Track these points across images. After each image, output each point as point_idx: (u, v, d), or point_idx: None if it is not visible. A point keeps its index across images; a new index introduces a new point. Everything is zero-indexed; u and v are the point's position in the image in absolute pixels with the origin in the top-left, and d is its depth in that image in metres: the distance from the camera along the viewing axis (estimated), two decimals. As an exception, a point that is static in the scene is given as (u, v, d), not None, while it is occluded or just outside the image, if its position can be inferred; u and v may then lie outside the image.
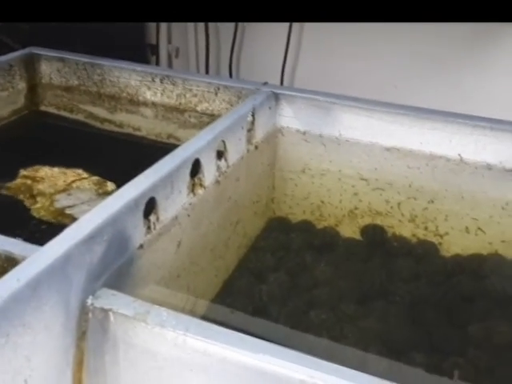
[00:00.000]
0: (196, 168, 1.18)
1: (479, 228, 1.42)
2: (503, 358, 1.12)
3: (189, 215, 1.15)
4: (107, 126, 1.71)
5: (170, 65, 2.49)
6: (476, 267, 1.34)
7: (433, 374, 1.07)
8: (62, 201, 1.24)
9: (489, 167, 1.41)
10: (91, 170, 1.39)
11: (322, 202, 1.52)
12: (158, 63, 2.43)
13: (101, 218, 0.90)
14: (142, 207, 1.00)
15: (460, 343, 1.17)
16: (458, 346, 1.16)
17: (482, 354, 1.13)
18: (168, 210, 1.08)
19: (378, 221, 1.48)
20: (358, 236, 1.48)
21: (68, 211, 1.20)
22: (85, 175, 1.34)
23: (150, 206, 1.03)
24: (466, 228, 1.43)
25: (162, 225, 1.07)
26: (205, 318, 1.12)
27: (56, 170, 1.36)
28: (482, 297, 1.26)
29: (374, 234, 1.45)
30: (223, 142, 1.28)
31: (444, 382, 0.95)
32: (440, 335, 1.19)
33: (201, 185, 1.19)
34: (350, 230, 1.49)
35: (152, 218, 1.04)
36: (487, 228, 1.42)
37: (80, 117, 1.75)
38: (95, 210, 0.92)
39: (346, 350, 1.07)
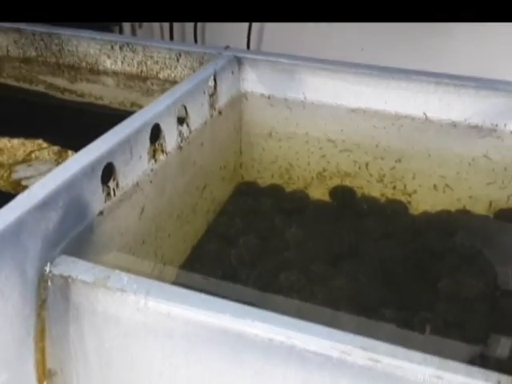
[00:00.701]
0: (156, 133, 1.15)
1: (447, 185, 1.42)
2: (472, 311, 1.12)
3: (151, 181, 1.13)
4: (68, 96, 1.66)
5: (133, 34, 2.44)
6: (444, 224, 1.34)
7: (404, 329, 1.07)
8: (20, 172, 1.21)
9: (454, 124, 1.41)
10: (52, 140, 1.35)
11: (291, 165, 1.50)
12: (121, 33, 2.37)
13: (55, 183, 0.88)
14: (99, 173, 0.97)
15: (430, 298, 1.17)
16: (428, 301, 1.16)
17: (452, 307, 1.13)
18: (128, 176, 1.05)
19: (347, 182, 1.47)
20: (327, 198, 1.47)
21: (25, 182, 1.17)
22: (45, 145, 1.31)
23: (109, 172, 1.00)
24: (434, 185, 1.42)
25: (122, 191, 1.05)
26: (174, 284, 1.11)
27: (15, 141, 1.32)
28: (451, 253, 1.26)
29: (343, 196, 1.45)
30: (184, 106, 1.25)
31: (414, 336, 0.95)
32: (410, 292, 1.19)
33: (162, 150, 1.16)
34: (319, 192, 1.47)
35: (111, 184, 1.01)
36: (455, 185, 1.41)
37: (40, 88, 1.70)
38: (49, 176, 0.89)
39: (316, 309, 1.06)
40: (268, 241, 1.29)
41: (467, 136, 1.40)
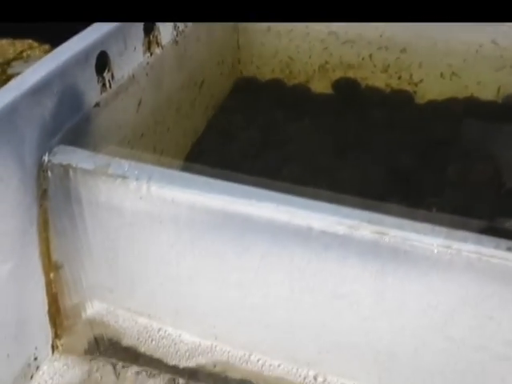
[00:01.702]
0: (151, 25, 1.10)
1: (454, 73, 1.37)
2: (480, 196, 1.11)
3: (147, 74, 1.09)
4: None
5: None
6: (452, 111, 1.31)
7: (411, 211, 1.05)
8: (16, 67, 1.18)
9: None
10: (42, 40, 1.30)
11: (291, 58, 1.45)
12: None
13: (47, 69, 0.84)
14: (92, 61, 0.94)
15: (437, 186, 1.15)
16: (436, 188, 1.15)
17: (459, 193, 1.12)
18: (123, 67, 1.02)
19: (351, 74, 1.42)
20: (330, 91, 1.42)
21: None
22: (35, 44, 1.26)
23: (103, 62, 0.97)
24: (441, 74, 1.38)
25: (118, 83, 1.01)
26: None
27: (4, 41, 1.27)
28: (459, 140, 1.24)
29: (347, 87, 1.40)
30: None
31: (422, 215, 0.93)
32: (417, 180, 1.17)
33: (157, 43, 1.12)
34: (321, 86, 1.43)
35: (106, 75, 0.98)
36: (462, 72, 1.37)
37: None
38: (41, 62, 0.86)
39: (321, 195, 1.04)
40: (270, 135, 1.26)
41: (474, 23, 1.34)
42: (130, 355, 1.06)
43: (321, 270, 0.85)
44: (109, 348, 1.06)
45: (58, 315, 1.00)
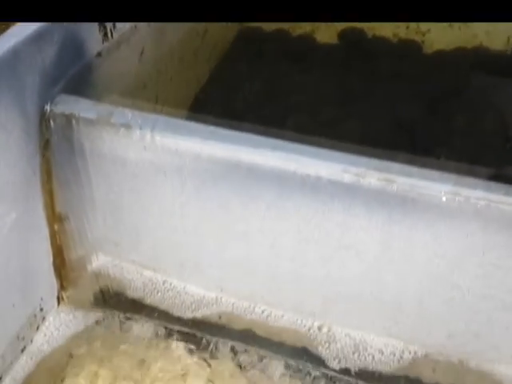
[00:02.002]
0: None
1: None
2: (488, 145, 1.09)
3: (149, 24, 1.06)
4: None
5: None
6: (460, 61, 1.28)
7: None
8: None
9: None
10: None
11: (296, 8, 1.42)
12: None
13: (47, 16, 0.82)
14: (93, 8, 0.91)
15: (445, 136, 1.13)
16: (443, 138, 1.13)
17: (467, 142, 1.10)
18: (125, 15, 0.99)
19: (357, 23, 1.39)
20: (336, 41, 1.39)
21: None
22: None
23: (104, 9, 0.94)
24: (450, 23, 1.35)
25: (120, 33, 0.99)
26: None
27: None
28: (467, 90, 1.21)
29: (353, 37, 1.37)
30: None
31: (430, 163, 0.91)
32: (424, 130, 1.15)
33: (160, -9, 1.09)
34: (327, 36, 1.40)
35: (108, 24, 0.96)
36: (471, 21, 1.34)
37: None
38: (40, 9, 0.83)
39: (327, 145, 1.03)
40: (274, 86, 1.23)
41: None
42: (136, 307, 1.06)
43: (327, 219, 0.85)
44: (114, 300, 1.07)
45: (63, 267, 1.00)
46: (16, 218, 0.83)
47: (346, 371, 0.98)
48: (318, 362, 0.99)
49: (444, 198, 0.73)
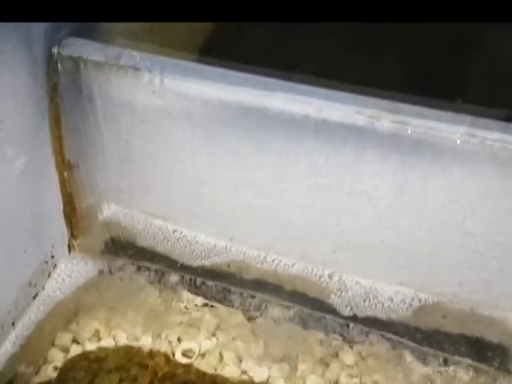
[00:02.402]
0: None
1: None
2: (505, 87, 1.05)
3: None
4: None
5: None
6: None
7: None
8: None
9: None
10: None
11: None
12: None
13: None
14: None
15: (461, 78, 1.10)
16: (460, 80, 1.10)
17: (485, 84, 1.07)
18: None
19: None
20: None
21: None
22: None
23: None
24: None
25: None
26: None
27: None
28: (485, 32, 1.17)
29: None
30: None
31: (444, 105, 0.88)
32: (440, 72, 1.12)
33: None
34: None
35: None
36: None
37: None
38: None
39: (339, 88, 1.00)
40: (285, 29, 1.20)
41: None
42: (146, 256, 1.07)
43: (339, 165, 0.83)
44: (125, 249, 1.07)
45: (73, 215, 1.00)
46: (25, 162, 0.83)
47: (356, 319, 0.99)
48: (329, 309, 0.99)
49: (459, 141, 0.71)
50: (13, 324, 0.92)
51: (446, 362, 0.94)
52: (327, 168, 0.85)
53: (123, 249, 1.06)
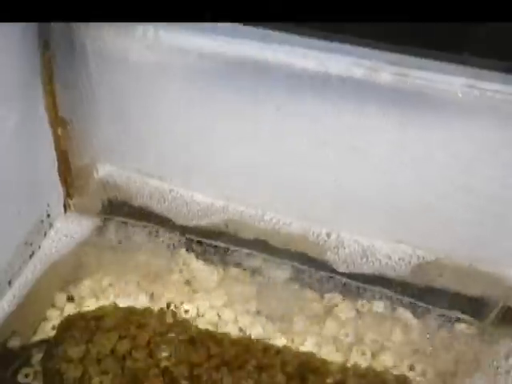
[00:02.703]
0: None
1: None
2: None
3: None
4: None
5: None
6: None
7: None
8: None
9: None
10: None
11: None
12: None
13: None
14: None
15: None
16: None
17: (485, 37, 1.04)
18: None
19: None
20: None
21: None
22: None
23: None
24: None
25: None
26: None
27: None
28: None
29: None
30: None
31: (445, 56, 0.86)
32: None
33: None
34: None
35: None
36: None
37: None
38: None
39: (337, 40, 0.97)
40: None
41: None
42: (143, 215, 1.06)
43: (338, 120, 0.82)
44: (121, 208, 1.06)
45: (68, 174, 0.99)
46: (19, 120, 0.81)
47: (353, 276, 0.99)
48: (326, 267, 0.99)
49: (460, 94, 0.70)
50: (9, 283, 0.91)
51: (444, 320, 0.95)
52: (326, 123, 0.83)
53: (120, 208, 1.06)
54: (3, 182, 0.84)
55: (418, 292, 0.95)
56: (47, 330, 0.94)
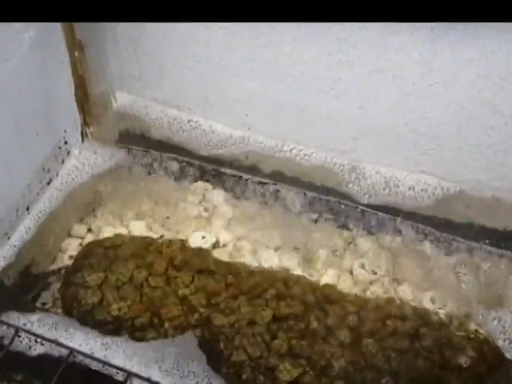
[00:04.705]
0: None
1: None
2: None
3: None
4: None
5: None
6: None
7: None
8: None
9: None
10: None
11: None
12: None
13: None
14: None
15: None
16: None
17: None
18: None
19: None
20: None
21: None
22: None
23: None
24: None
25: None
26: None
27: None
28: None
29: None
30: None
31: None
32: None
33: None
34: None
35: None
36: None
37: None
38: None
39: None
40: None
41: None
42: (161, 147, 1.04)
43: (362, 39, 0.78)
44: (140, 139, 1.04)
45: (85, 101, 0.97)
46: (34, 35, 0.79)
47: (375, 206, 0.96)
48: (348, 197, 0.96)
49: (493, 5, 0.66)
50: (27, 209, 0.90)
51: (467, 252, 0.92)
52: (349, 43, 0.80)
53: (138, 139, 1.04)
54: (20, 100, 0.83)
55: (441, 224, 0.93)
56: (65, 260, 0.93)
